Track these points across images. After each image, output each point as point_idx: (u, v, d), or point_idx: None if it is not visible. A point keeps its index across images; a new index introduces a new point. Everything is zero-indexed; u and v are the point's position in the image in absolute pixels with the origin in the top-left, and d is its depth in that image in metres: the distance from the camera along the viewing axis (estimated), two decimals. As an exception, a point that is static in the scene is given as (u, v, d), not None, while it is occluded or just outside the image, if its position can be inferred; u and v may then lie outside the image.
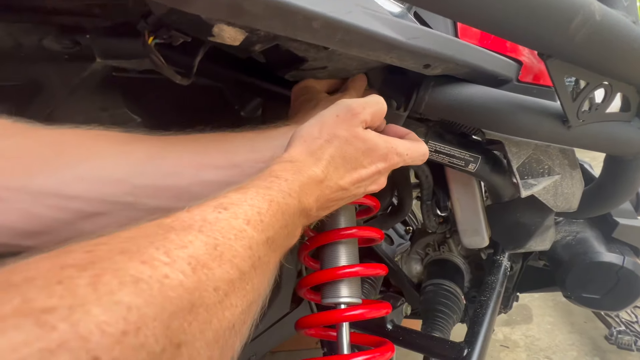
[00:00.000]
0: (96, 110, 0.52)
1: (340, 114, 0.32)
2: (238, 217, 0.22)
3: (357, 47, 0.32)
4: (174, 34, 0.33)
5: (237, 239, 0.21)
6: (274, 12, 0.26)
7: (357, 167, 0.32)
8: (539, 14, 0.27)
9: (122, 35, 0.46)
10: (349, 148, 0.32)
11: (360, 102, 0.33)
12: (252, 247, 0.22)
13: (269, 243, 0.23)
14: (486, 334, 0.57)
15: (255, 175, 0.28)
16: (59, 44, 0.43)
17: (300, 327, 0.48)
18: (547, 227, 0.59)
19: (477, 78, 0.43)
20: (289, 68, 0.43)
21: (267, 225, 0.24)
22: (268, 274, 0.24)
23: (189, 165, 0.33)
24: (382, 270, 0.49)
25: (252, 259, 0.21)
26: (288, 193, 0.27)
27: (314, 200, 0.29)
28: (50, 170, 0.29)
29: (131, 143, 0.33)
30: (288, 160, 0.30)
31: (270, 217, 0.24)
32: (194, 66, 0.44)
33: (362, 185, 0.34)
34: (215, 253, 0.19)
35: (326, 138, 0.31)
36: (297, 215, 0.28)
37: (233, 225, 0.21)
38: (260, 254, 0.22)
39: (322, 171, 0.30)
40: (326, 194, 0.31)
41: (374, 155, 0.33)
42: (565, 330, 1.46)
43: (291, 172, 0.28)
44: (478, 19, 0.28)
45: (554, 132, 0.42)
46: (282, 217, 0.25)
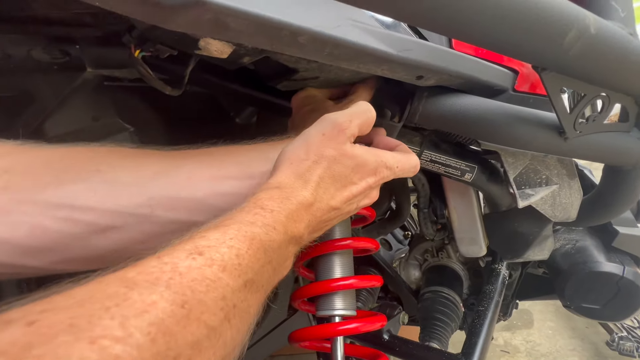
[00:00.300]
0: (88, 119, 0.51)
1: (326, 132, 0.31)
2: (213, 264, 0.21)
3: (347, 60, 0.32)
4: (159, 47, 0.33)
5: (209, 290, 0.20)
6: (258, 28, 0.26)
7: (347, 185, 0.32)
8: (532, 28, 0.27)
9: (113, 44, 0.45)
10: (337, 167, 0.31)
11: (346, 116, 0.32)
12: (225, 297, 0.20)
13: (247, 286, 0.22)
14: (484, 344, 0.57)
15: (243, 202, 0.27)
16: (48, 55, 0.42)
17: (294, 341, 0.48)
18: (546, 236, 0.58)
19: (472, 88, 0.42)
20: (280, 79, 0.42)
21: (246, 267, 0.22)
22: (247, 319, 0.23)
23: (204, 177, 0.32)
24: (377, 282, 0.48)
25: (225, 310, 0.20)
26: (272, 227, 0.25)
27: (304, 227, 0.29)
28: (61, 182, 0.28)
29: (143, 157, 0.33)
30: (275, 186, 0.29)
31: (249, 258, 0.23)
32: (185, 76, 0.44)
33: (354, 201, 0.33)
34: (182, 312, 0.18)
35: (314, 159, 0.30)
36: (284, 247, 0.27)
37: (206, 275, 0.20)
38: (236, 301, 0.21)
39: (312, 194, 0.29)
40: (317, 216, 0.30)
41: (363, 171, 0.32)
42: (567, 335, 1.45)
43: (278, 200, 0.27)
44: (470, 34, 0.27)
45: (551, 144, 0.41)
46: (264, 255, 0.24)
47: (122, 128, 0.53)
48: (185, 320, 0.18)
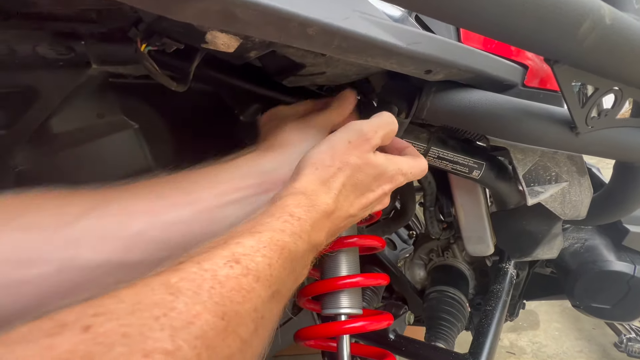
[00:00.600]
0: (93, 117, 0.51)
1: (352, 140, 0.31)
2: (249, 274, 0.21)
3: (355, 53, 0.31)
4: (166, 41, 0.32)
5: (244, 301, 0.20)
6: (267, 19, 0.25)
7: (366, 192, 0.32)
8: (546, 18, 0.26)
9: (118, 41, 0.45)
10: (360, 175, 0.31)
11: (372, 126, 0.32)
12: (257, 309, 0.20)
13: (274, 297, 0.22)
14: (492, 344, 0.56)
15: (267, 207, 0.27)
16: (54, 51, 0.42)
17: (300, 339, 0.47)
18: (555, 235, 0.57)
19: (480, 83, 0.41)
20: (287, 74, 0.42)
21: (276, 278, 0.22)
22: (271, 330, 0.23)
23: (138, 209, 0.30)
24: (384, 280, 0.48)
25: (256, 322, 0.20)
26: (299, 236, 0.26)
27: (324, 236, 0.29)
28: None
29: (69, 197, 0.30)
30: (301, 192, 0.28)
31: (279, 268, 0.23)
32: (190, 72, 0.44)
33: (369, 208, 0.34)
34: (222, 325, 0.18)
35: (338, 166, 0.30)
36: (307, 256, 0.27)
37: (242, 285, 0.20)
38: (265, 312, 0.21)
39: (334, 202, 0.29)
40: (336, 224, 0.30)
41: (381, 179, 0.33)
42: (573, 336, 1.43)
43: (305, 207, 0.27)
44: (482, 23, 0.26)
45: (562, 139, 0.40)
46: (290, 264, 0.24)
47: (127, 125, 0.53)
48: (224, 333, 0.18)
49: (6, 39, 0.40)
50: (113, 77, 0.50)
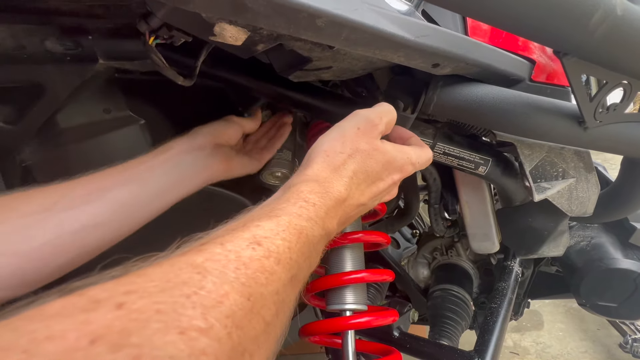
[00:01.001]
0: (99, 112, 0.51)
1: (360, 126, 0.32)
2: (270, 256, 0.21)
3: (364, 45, 0.31)
4: (175, 33, 0.32)
5: (268, 283, 0.20)
6: (277, 10, 0.25)
7: (376, 181, 0.32)
8: (557, 9, 0.26)
9: (125, 36, 0.45)
10: (370, 162, 0.31)
11: (377, 113, 0.33)
12: (279, 292, 0.21)
13: (292, 282, 0.22)
14: (497, 342, 0.55)
15: (280, 193, 0.27)
16: (61, 46, 0.42)
17: (305, 334, 0.47)
18: (561, 232, 0.57)
19: (487, 78, 0.41)
20: (293, 68, 0.42)
21: (295, 262, 0.23)
22: (288, 314, 0.23)
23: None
24: (389, 276, 0.48)
25: (277, 305, 0.20)
26: (315, 221, 0.26)
27: (337, 223, 0.29)
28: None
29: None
30: (314, 179, 0.29)
31: (297, 252, 0.23)
32: (196, 67, 0.44)
33: (379, 197, 0.34)
34: (248, 306, 0.18)
35: (349, 152, 0.31)
36: (320, 243, 0.27)
37: (265, 267, 0.20)
38: (285, 296, 0.21)
39: (346, 189, 0.29)
40: (347, 212, 0.30)
41: (391, 168, 0.33)
42: (578, 337, 1.42)
43: (319, 194, 0.27)
44: (490, 14, 0.26)
45: (570, 134, 0.40)
46: (307, 249, 0.24)
47: (133, 120, 0.53)
48: (250, 314, 0.18)
49: (15, 33, 0.40)
50: (119, 73, 0.50)
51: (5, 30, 0.40)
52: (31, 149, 0.48)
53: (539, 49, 0.46)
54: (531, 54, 0.44)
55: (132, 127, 0.53)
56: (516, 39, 0.44)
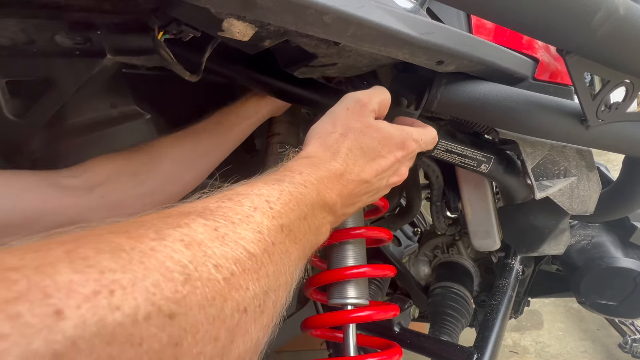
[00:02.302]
0: (106, 106, 0.52)
1: (349, 106, 0.33)
2: (244, 205, 0.22)
3: (369, 42, 0.32)
4: (183, 28, 0.33)
5: (241, 222, 0.21)
6: (285, 6, 0.26)
7: (376, 158, 0.32)
8: (561, 7, 0.26)
9: (132, 32, 0.46)
10: (364, 138, 0.32)
11: (366, 93, 0.34)
12: (262, 232, 0.21)
13: (284, 231, 0.23)
14: (497, 339, 0.56)
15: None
16: (71, 40, 0.43)
17: (307, 328, 0.48)
18: (562, 230, 0.57)
19: (491, 76, 0.42)
20: (299, 65, 0.42)
21: (279, 212, 0.23)
22: (289, 265, 0.23)
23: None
24: (391, 272, 0.48)
25: (263, 243, 0.21)
26: (303, 185, 0.26)
27: (336, 195, 0.29)
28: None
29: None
30: (304, 156, 0.30)
31: (282, 206, 0.23)
32: (202, 63, 0.44)
33: (384, 176, 0.34)
34: (215, 234, 0.19)
35: (341, 132, 0.31)
36: (319, 208, 0.27)
37: (237, 211, 0.21)
38: (274, 239, 0.22)
39: (341, 164, 0.30)
40: (350, 188, 0.30)
41: (390, 144, 0.33)
42: (577, 337, 1.42)
43: (306, 166, 0.28)
44: (496, 12, 0.27)
45: (572, 132, 0.41)
46: (297, 206, 0.25)
47: (139, 115, 0.54)
48: (220, 240, 0.19)
49: (26, 27, 0.41)
50: (126, 68, 0.51)
51: (16, 25, 0.40)
52: (39, 141, 0.49)
53: (542, 47, 0.46)
54: (535, 53, 0.45)
55: (138, 122, 0.54)
56: (520, 38, 0.44)
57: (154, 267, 0.15)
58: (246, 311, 0.18)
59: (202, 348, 0.15)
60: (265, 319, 0.20)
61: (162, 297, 0.14)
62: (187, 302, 0.15)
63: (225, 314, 0.17)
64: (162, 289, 0.15)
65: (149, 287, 0.14)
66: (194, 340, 0.15)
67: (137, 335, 0.13)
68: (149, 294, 0.14)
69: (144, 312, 0.14)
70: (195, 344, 0.15)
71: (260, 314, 0.19)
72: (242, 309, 0.18)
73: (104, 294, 0.13)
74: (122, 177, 0.40)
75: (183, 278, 0.16)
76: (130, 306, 0.13)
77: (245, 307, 0.18)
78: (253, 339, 0.19)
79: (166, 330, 0.14)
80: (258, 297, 0.19)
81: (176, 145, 0.46)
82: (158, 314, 0.14)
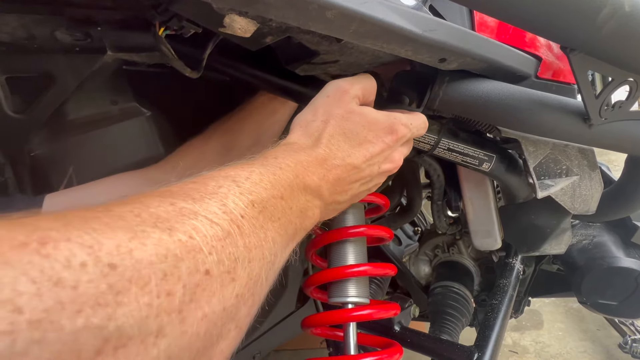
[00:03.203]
0: (106, 103, 0.52)
1: (330, 93, 0.33)
2: (208, 185, 0.22)
3: (372, 39, 0.31)
4: (185, 24, 0.33)
5: (203, 198, 0.21)
6: (287, 1, 0.25)
7: (363, 143, 0.32)
8: (565, 3, 0.26)
9: (133, 28, 0.45)
10: (347, 124, 0.32)
11: (348, 80, 0.34)
12: (226, 205, 0.21)
13: (256, 207, 0.23)
14: (497, 338, 0.56)
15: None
16: (71, 36, 0.43)
17: (307, 326, 0.48)
18: (564, 229, 0.57)
19: (494, 73, 0.41)
20: (300, 62, 0.42)
21: (248, 190, 0.23)
22: (265, 241, 0.23)
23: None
24: (391, 270, 0.48)
25: (229, 215, 0.21)
26: (277, 167, 0.26)
27: (318, 179, 0.29)
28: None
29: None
30: (284, 144, 0.30)
31: (251, 184, 0.24)
32: (203, 59, 0.44)
33: (375, 162, 0.33)
34: (171, 207, 0.19)
35: (322, 119, 0.31)
36: (299, 190, 0.27)
37: (200, 190, 0.21)
38: (243, 213, 0.22)
39: (324, 150, 0.30)
40: (336, 173, 0.30)
41: (377, 129, 0.33)
42: (577, 337, 1.42)
43: (283, 151, 0.28)
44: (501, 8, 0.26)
45: (574, 131, 0.40)
46: (271, 185, 0.25)
47: (139, 112, 0.54)
48: (177, 211, 0.20)
49: (26, 23, 0.41)
50: (127, 65, 0.50)
51: (17, 21, 0.40)
52: (40, 138, 0.48)
53: (545, 46, 0.46)
54: (537, 51, 0.44)
55: (139, 119, 0.54)
56: (523, 36, 0.44)
57: (95, 229, 0.16)
58: (209, 273, 0.18)
59: (152, 300, 0.15)
60: (240, 288, 0.20)
61: (101, 250, 0.15)
62: (133, 256, 0.16)
63: (181, 271, 0.17)
64: (103, 244, 0.15)
65: (86, 240, 0.15)
66: (141, 292, 0.15)
67: (70, 279, 0.14)
68: (85, 247, 0.15)
69: (79, 260, 0.14)
70: (143, 295, 0.15)
71: (231, 281, 0.19)
72: (202, 270, 0.18)
73: (34, 245, 0.14)
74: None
75: (129, 236, 0.16)
76: (62, 255, 0.14)
77: (207, 270, 0.18)
78: (224, 304, 0.19)
79: (106, 278, 0.14)
80: (224, 263, 0.19)
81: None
82: (96, 263, 0.14)
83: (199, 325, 0.17)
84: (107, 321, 0.14)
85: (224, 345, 0.20)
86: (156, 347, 0.15)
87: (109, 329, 0.14)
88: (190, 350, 0.17)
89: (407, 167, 0.71)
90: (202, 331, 0.17)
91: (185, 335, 0.16)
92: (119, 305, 0.14)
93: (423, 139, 0.47)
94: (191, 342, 0.17)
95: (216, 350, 0.19)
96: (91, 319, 0.13)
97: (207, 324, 0.18)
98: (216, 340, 0.19)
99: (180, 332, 0.16)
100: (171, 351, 0.16)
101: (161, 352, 0.15)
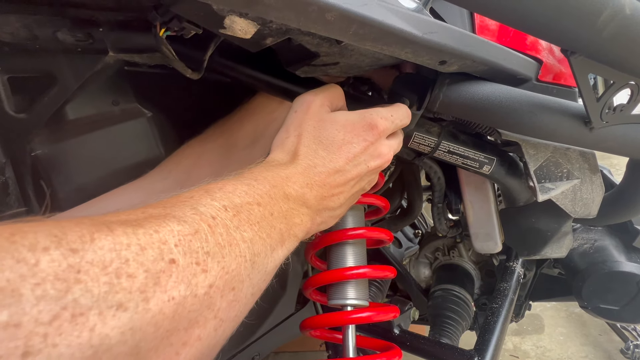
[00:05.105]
0: (108, 104, 0.52)
1: (297, 109, 0.34)
2: (180, 196, 0.23)
3: (372, 41, 0.31)
4: (185, 25, 0.33)
5: (173, 206, 0.22)
6: (287, 3, 0.25)
7: (342, 145, 0.32)
8: (565, 6, 0.26)
9: (134, 29, 0.46)
10: (321, 132, 0.32)
11: (311, 92, 0.35)
12: (195, 208, 0.22)
13: (230, 211, 0.24)
14: (497, 342, 0.55)
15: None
16: (73, 37, 0.43)
17: (306, 328, 0.47)
18: (565, 233, 0.57)
19: (494, 76, 0.41)
20: (301, 63, 0.42)
21: (220, 197, 0.24)
22: (242, 242, 0.24)
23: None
24: (391, 273, 0.48)
25: (199, 215, 0.22)
26: (253, 179, 0.27)
27: (300, 187, 0.29)
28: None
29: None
30: (262, 163, 0.31)
31: (224, 193, 0.25)
32: (204, 61, 0.44)
33: (360, 161, 0.33)
34: (141, 212, 0.21)
35: (295, 134, 0.32)
36: (278, 198, 0.28)
37: (170, 202, 0.23)
38: (215, 214, 0.23)
39: (302, 161, 0.31)
40: (321, 179, 0.31)
41: (354, 129, 0.33)
42: (579, 342, 1.41)
43: (260, 168, 0.29)
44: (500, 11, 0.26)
45: (575, 134, 0.40)
46: (245, 194, 0.25)
47: (141, 113, 0.54)
48: (143, 215, 0.21)
49: (28, 24, 0.41)
50: (129, 66, 0.51)
51: (19, 21, 0.40)
52: (40, 138, 0.49)
53: (546, 49, 0.46)
54: (538, 54, 0.44)
55: (140, 120, 0.54)
56: (524, 38, 0.44)
57: (63, 225, 0.17)
58: (174, 262, 0.20)
59: (111, 279, 0.17)
60: (212, 279, 0.21)
61: (65, 238, 0.17)
62: (95, 244, 0.17)
63: (145, 258, 0.19)
64: (67, 234, 0.17)
65: (52, 231, 0.17)
66: (102, 272, 0.17)
67: (32, 258, 0.15)
68: (50, 235, 0.16)
69: (42, 245, 0.16)
70: (105, 275, 0.17)
71: (202, 272, 0.21)
72: (167, 259, 0.19)
73: (5, 235, 0.16)
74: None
75: (93, 230, 0.18)
76: (28, 241, 0.16)
77: (172, 259, 0.20)
78: (195, 291, 0.20)
79: (67, 259, 0.16)
80: (192, 255, 0.21)
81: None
82: (58, 247, 0.16)
83: (164, 306, 0.19)
84: (65, 293, 0.16)
85: (201, 332, 0.21)
86: (117, 318, 0.17)
87: (67, 299, 0.16)
88: (157, 326, 0.18)
89: (408, 169, 0.71)
90: (170, 312, 0.19)
91: (149, 312, 0.18)
92: (77, 281, 0.16)
93: (423, 142, 0.47)
94: (157, 320, 0.18)
95: (192, 335, 0.20)
96: (49, 291, 0.15)
97: (174, 306, 0.19)
98: (189, 325, 0.20)
99: (143, 309, 0.18)
100: (134, 324, 0.17)
101: (123, 323, 0.17)
